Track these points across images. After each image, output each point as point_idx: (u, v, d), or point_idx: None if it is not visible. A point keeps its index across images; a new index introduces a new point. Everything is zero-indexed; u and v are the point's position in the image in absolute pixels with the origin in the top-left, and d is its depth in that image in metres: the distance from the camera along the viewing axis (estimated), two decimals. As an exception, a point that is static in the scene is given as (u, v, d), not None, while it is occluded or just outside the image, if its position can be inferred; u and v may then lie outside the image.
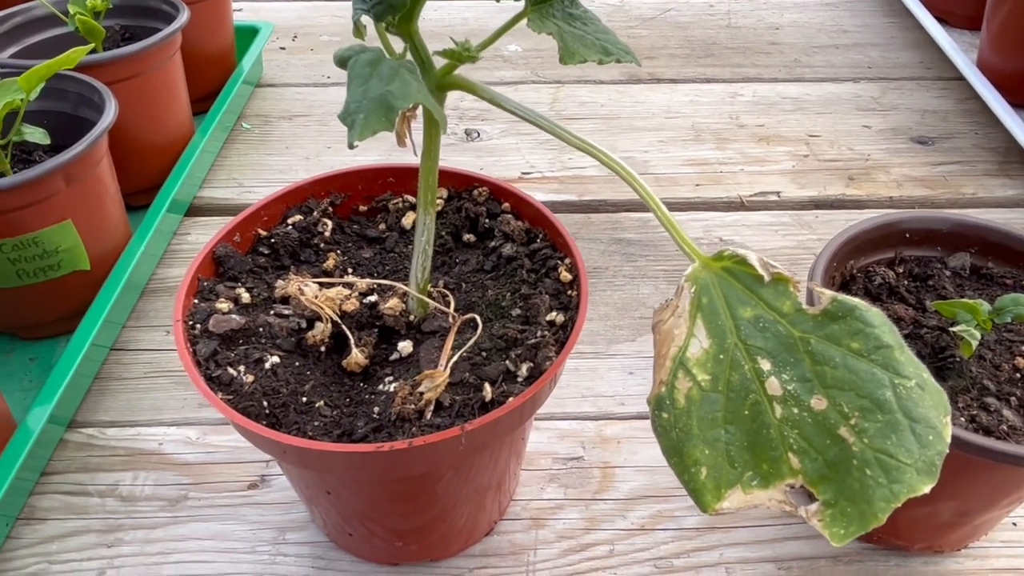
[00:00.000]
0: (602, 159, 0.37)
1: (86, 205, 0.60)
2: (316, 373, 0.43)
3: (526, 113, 0.38)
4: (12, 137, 0.58)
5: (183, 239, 0.76)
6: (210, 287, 0.45)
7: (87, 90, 0.64)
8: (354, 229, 0.51)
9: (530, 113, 0.38)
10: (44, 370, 0.62)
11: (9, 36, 0.73)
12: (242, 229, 0.47)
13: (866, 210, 0.80)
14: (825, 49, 1.07)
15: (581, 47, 0.37)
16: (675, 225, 0.35)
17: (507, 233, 0.48)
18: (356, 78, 0.34)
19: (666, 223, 0.35)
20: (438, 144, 0.41)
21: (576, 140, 0.37)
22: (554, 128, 0.38)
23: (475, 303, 0.46)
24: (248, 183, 0.83)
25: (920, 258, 0.53)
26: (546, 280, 0.45)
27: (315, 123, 0.93)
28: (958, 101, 0.96)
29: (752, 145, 0.89)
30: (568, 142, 0.38)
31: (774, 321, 0.32)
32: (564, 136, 0.38)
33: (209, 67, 0.88)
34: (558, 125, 0.38)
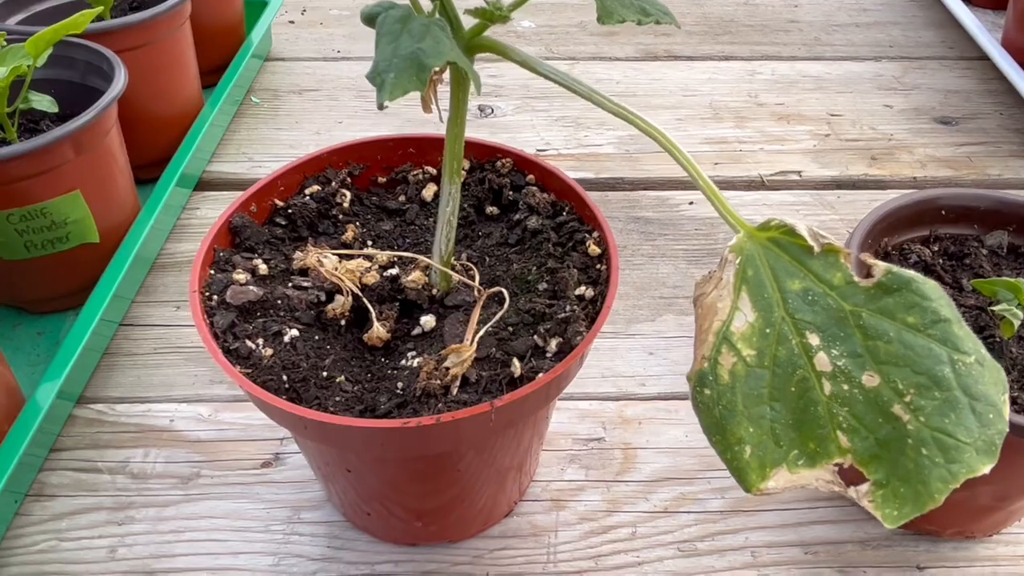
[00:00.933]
0: (640, 125, 0.35)
1: (95, 176, 0.58)
2: (336, 347, 0.41)
3: (560, 77, 0.36)
4: (19, 104, 0.57)
5: (192, 213, 0.74)
6: (226, 257, 0.43)
7: (96, 58, 0.62)
8: (373, 201, 0.49)
9: (564, 77, 0.37)
10: (52, 345, 0.61)
11: (15, 3, 0.72)
12: (258, 199, 0.46)
13: (889, 190, 0.79)
14: (845, 27, 1.05)
15: (619, 6, 0.35)
16: (718, 194, 0.34)
17: (532, 206, 0.46)
18: (385, 35, 0.32)
19: (708, 192, 0.34)
20: (465, 110, 0.40)
21: (613, 105, 0.36)
22: (591, 93, 0.36)
23: (499, 277, 0.44)
24: (258, 157, 0.82)
25: (956, 236, 0.51)
26: (573, 254, 0.44)
27: (325, 98, 0.91)
28: (981, 81, 0.94)
29: (772, 124, 0.87)
30: (604, 107, 0.36)
31: (823, 294, 0.31)
32: (601, 101, 0.36)
33: (218, 39, 0.86)
34: (595, 90, 0.36)
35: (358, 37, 1.02)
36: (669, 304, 0.67)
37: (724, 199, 0.34)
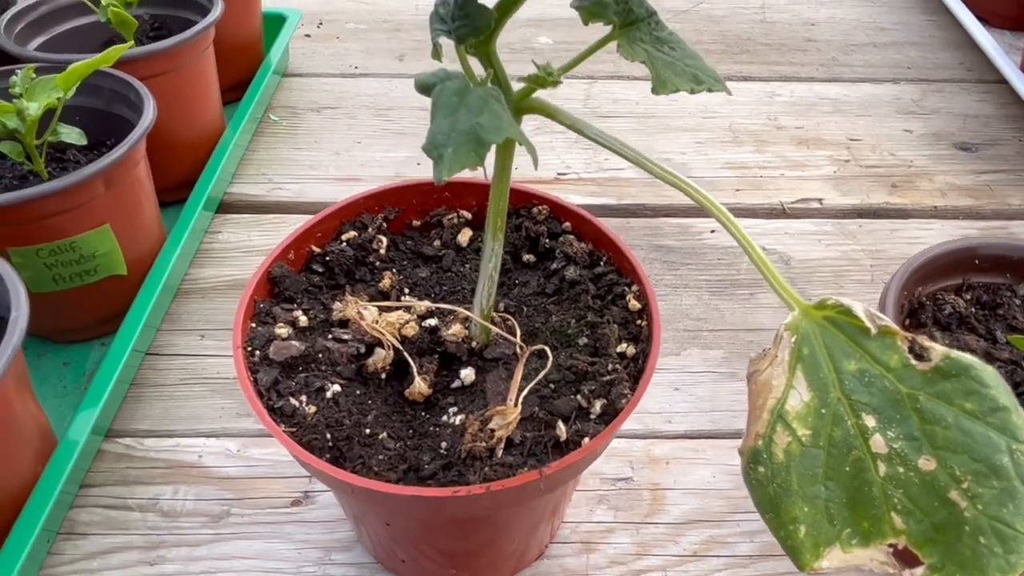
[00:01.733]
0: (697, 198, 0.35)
1: (124, 208, 0.58)
2: (377, 402, 0.41)
3: (610, 142, 0.36)
4: (48, 137, 0.56)
5: (214, 237, 0.74)
6: (267, 309, 0.43)
7: (122, 87, 0.62)
8: (408, 245, 0.49)
9: (614, 142, 0.36)
10: (78, 375, 0.61)
11: (37, 24, 0.71)
12: (296, 247, 0.46)
13: (910, 220, 0.79)
14: (863, 47, 1.05)
15: (672, 75, 0.35)
16: (772, 270, 0.34)
17: (569, 255, 0.46)
18: (443, 108, 0.32)
19: (763, 268, 0.34)
20: (510, 171, 0.40)
21: (665, 174, 0.36)
22: (641, 160, 0.36)
23: (538, 329, 0.44)
24: (278, 179, 0.81)
25: (988, 285, 0.51)
26: (613, 308, 0.44)
27: (344, 116, 0.91)
28: (1000, 106, 0.94)
29: (792, 148, 0.87)
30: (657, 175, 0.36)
31: (880, 375, 0.31)
32: (652, 169, 0.36)
33: (237, 56, 0.86)
34: (647, 158, 0.36)
35: (374, 52, 1.02)
36: (693, 337, 0.67)
37: (780, 277, 0.34)
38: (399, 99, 0.94)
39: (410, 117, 0.91)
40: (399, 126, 0.89)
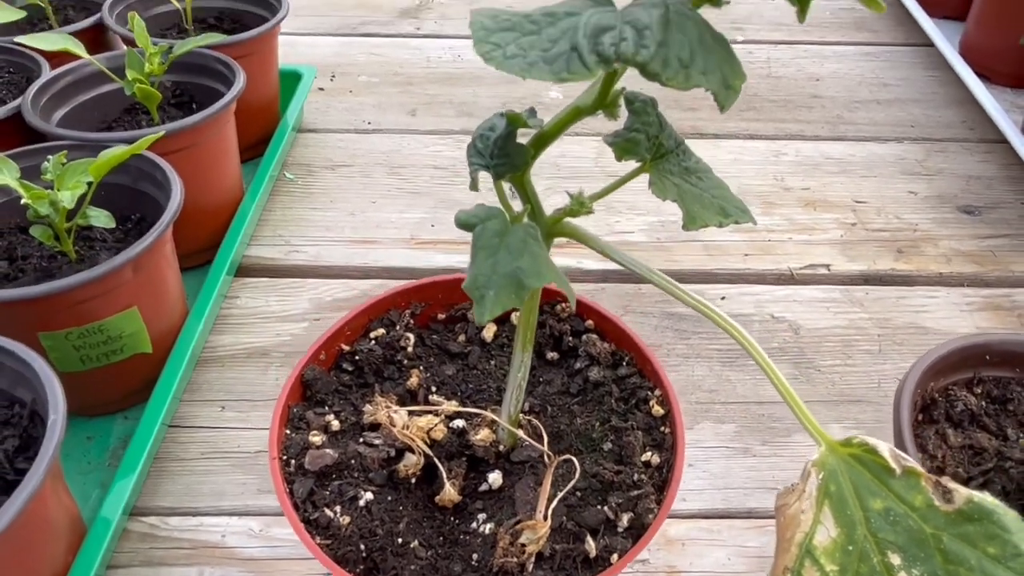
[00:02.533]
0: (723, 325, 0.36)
1: (150, 290, 0.59)
2: (408, 507, 0.42)
3: (640, 269, 0.38)
4: (78, 221, 0.57)
5: (233, 303, 0.75)
6: (300, 414, 0.44)
7: (148, 165, 0.63)
8: (434, 340, 0.50)
9: (644, 269, 0.38)
10: (102, 450, 0.61)
11: (61, 95, 0.72)
12: (327, 347, 0.47)
13: (916, 287, 0.80)
14: (867, 104, 1.07)
15: (701, 210, 0.36)
16: (802, 407, 0.35)
17: (593, 355, 0.48)
18: (483, 249, 0.33)
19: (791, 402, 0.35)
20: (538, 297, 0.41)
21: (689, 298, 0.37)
22: (668, 286, 0.37)
23: (563, 431, 0.45)
24: (295, 241, 0.82)
25: (999, 379, 0.52)
26: (637, 412, 0.45)
27: (358, 174, 0.92)
28: (1003, 166, 0.96)
29: (799, 211, 0.89)
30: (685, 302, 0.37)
31: (905, 515, 0.32)
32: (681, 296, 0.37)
33: (255, 117, 0.87)
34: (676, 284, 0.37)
35: (387, 107, 1.03)
36: (706, 410, 0.68)
37: (807, 412, 0.35)
38: (411, 156, 0.95)
39: (423, 176, 0.92)
40: (413, 185, 0.91)
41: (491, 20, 0.28)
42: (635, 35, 0.25)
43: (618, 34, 0.25)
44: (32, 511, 0.43)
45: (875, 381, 0.71)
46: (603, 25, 0.26)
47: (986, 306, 0.78)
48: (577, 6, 0.28)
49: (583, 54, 0.25)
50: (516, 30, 0.27)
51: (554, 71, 0.25)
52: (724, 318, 0.37)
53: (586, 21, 0.26)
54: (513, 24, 0.28)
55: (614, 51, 0.25)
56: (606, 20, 0.26)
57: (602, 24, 0.26)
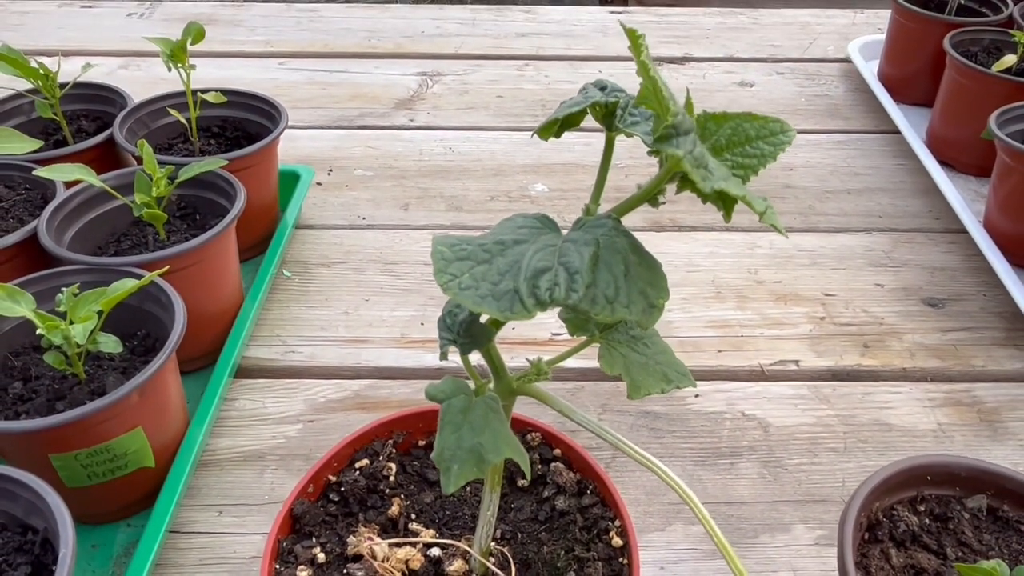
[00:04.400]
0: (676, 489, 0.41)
1: (154, 410, 0.64)
2: (387, 637, 0.46)
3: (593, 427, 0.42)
4: (88, 346, 0.62)
5: (232, 405, 0.80)
6: (288, 548, 0.48)
7: (153, 288, 0.68)
8: (415, 467, 0.54)
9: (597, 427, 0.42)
10: (106, 559, 0.65)
11: (74, 213, 0.78)
12: (315, 480, 0.51)
13: (881, 383, 0.84)
14: (837, 194, 1.12)
15: (646, 378, 0.41)
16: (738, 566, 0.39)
17: (559, 484, 0.52)
18: (448, 424, 0.38)
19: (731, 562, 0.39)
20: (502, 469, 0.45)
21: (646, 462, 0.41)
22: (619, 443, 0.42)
23: (531, 559, 0.49)
24: (291, 341, 0.87)
25: (940, 497, 0.56)
26: (598, 543, 0.49)
27: (352, 271, 0.97)
28: (965, 257, 1.01)
29: (770, 304, 0.94)
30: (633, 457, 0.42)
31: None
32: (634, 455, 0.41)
33: (255, 219, 0.92)
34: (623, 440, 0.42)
35: (381, 202, 1.09)
36: (677, 511, 0.72)
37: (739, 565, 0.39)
38: (403, 252, 1.00)
39: (414, 272, 0.97)
40: (404, 281, 0.96)
41: (449, 249, 0.33)
42: (567, 280, 0.30)
43: (552, 278, 0.30)
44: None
45: (840, 480, 0.75)
46: (541, 268, 0.30)
47: (947, 401, 0.82)
48: (524, 233, 0.33)
49: (523, 298, 0.30)
50: (471, 259, 0.32)
51: (500, 308, 0.30)
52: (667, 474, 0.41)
53: (528, 262, 0.31)
54: (468, 254, 0.32)
55: (548, 296, 0.29)
56: (544, 261, 0.31)
57: (540, 266, 0.30)
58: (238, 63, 1.42)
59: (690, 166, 0.28)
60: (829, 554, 0.68)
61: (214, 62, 1.40)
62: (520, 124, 1.26)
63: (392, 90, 1.35)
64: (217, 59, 1.42)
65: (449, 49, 1.48)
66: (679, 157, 0.28)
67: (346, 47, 1.48)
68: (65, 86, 0.92)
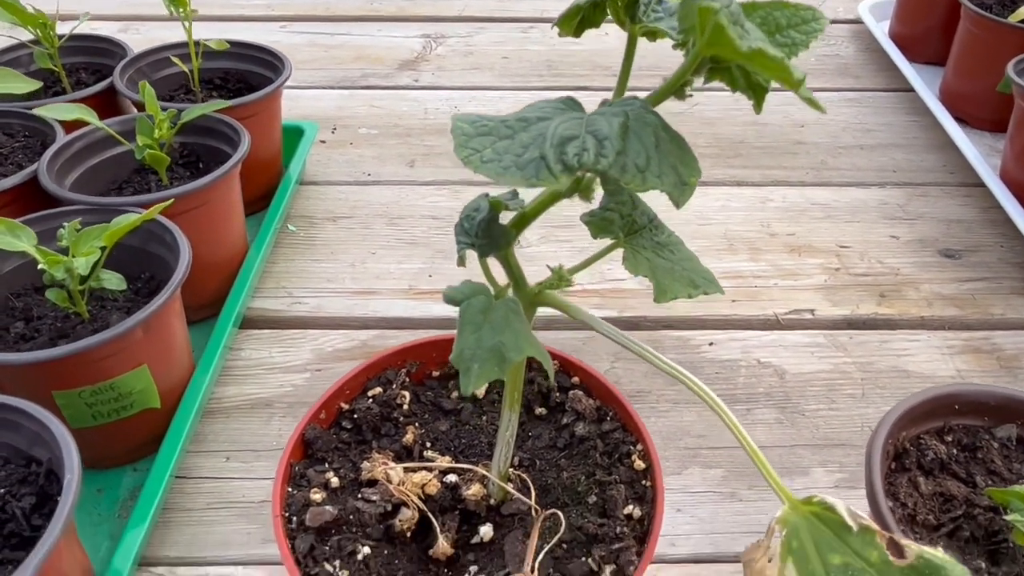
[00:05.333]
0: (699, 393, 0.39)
1: (160, 348, 0.62)
2: (403, 561, 0.45)
3: (618, 337, 0.40)
4: (91, 284, 0.61)
5: (237, 355, 0.78)
6: (301, 472, 0.47)
7: (157, 228, 0.66)
8: (428, 397, 0.53)
9: (621, 337, 0.41)
10: (112, 502, 0.64)
11: (75, 159, 0.76)
12: (327, 406, 0.50)
13: (898, 331, 0.83)
14: (850, 150, 1.10)
15: (672, 282, 0.39)
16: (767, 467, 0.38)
17: (579, 411, 0.50)
18: (468, 324, 0.36)
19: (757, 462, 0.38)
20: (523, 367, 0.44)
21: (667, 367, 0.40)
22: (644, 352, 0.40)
23: (550, 484, 0.48)
24: (297, 292, 0.86)
25: (968, 427, 0.55)
26: (620, 467, 0.47)
27: (359, 225, 0.95)
28: (982, 210, 0.99)
29: (784, 256, 0.92)
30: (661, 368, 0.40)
31: (862, 569, 0.35)
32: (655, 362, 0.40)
33: (259, 171, 0.90)
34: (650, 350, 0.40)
35: (386, 159, 1.07)
36: (694, 455, 0.70)
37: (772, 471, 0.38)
38: (410, 207, 0.98)
39: (421, 226, 0.95)
40: (411, 235, 0.94)
41: (471, 126, 0.31)
42: (596, 145, 0.28)
43: (581, 144, 0.28)
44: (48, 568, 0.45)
45: (858, 425, 0.73)
46: (568, 135, 0.29)
47: (966, 349, 0.81)
48: (548, 111, 0.31)
49: (550, 163, 0.28)
50: (493, 135, 0.31)
51: (525, 176, 0.28)
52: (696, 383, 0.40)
53: (553, 131, 0.29)
54: (490, 129, 0.31)
55: (577, 160, 0.28)
56: (571, 130, 0.29)
57: (567, 134, 0.29)
58: (240, 27, 1.40)
59: (726, 20, 0.26)
60: (850, 496, 0.67)
61: (216, 26, 1.38)
62: (527, 84, 1.24)
63: (395, 52, 1.33)
64: (218, 23, 1.40)
65: (452, 12, 1.46)
66: (715, 9, 0.26)
67: (348, 10, 1.46)
68: (64, 37, 0.90)
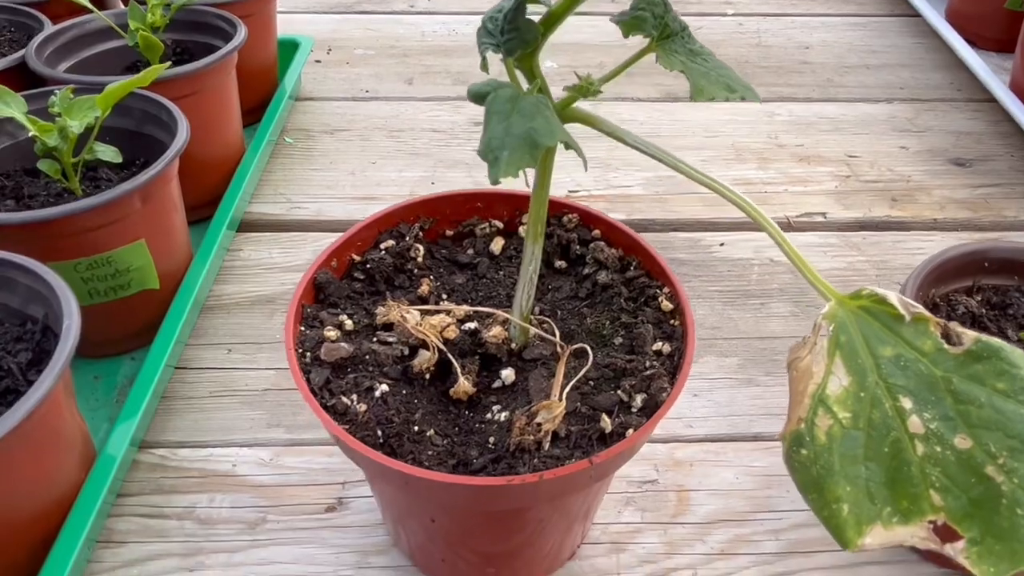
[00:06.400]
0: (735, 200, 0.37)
1: (157, 224, 0.60)
2: (423, 401, 0.43)
3: (649, 148, 0.39)
4: (85, 155, 0.58)
5: (236, 255, 0.76)
6: (313, 313, 0.45)
7: (154, 107, 0.64)
8: (443, 254, 0.51)
9: (652, 148, 0.39)
10: (110, 388, 0.62)
11: (65, 49, 0.73)
12: (338, 255, 0.47)
13: (912, 232, 0.81)
14: (856, 69, 1.08)
15: (708, 84, 0.37)
16: (806, 263, 0.36)
17: (600, 260, 0.48)
18: (496, 114, 0.34)
19: (798, 262, 0.36)
20: (551, 177, 0.42)
21: (700, 175, 0.38)
22: (677, 164, 0.38)
23: (574, 331, 0.46)
24: (296, 198, 0.83)
25: (997, 287, 0.53)
26: (646, 309, 0.46)
27: (357, 138, 0.93)
28: (991, 123, 0.98)
29: (794, 165, 0.90)
30: (690, 176, 0.38)
31: (915, 360, 0.33)
32: (687, 171, 0.38)
33: (254, 81, 0.88)
34: (682, 160, 0.38)
35: (384, 77, 1.04)
36: (709, 346, 0.68)
37: (814, 270, 0.36)
38: (410, 120, 0.96)
39: (422, 138, 0.93)
40: (412, 147, 0.92)
41: None
42: None
43: None
44: (46, 413, 0.43)
45: (874, 317, 0.72)
46: None
47: (980, 248, 0.79)
48: None
49: None
50: None
51: None
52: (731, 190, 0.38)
53: None
54: None
55: None
56: None
57: None
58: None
59: None
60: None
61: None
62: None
63: (390, -20, 1.30)
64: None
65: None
66: None
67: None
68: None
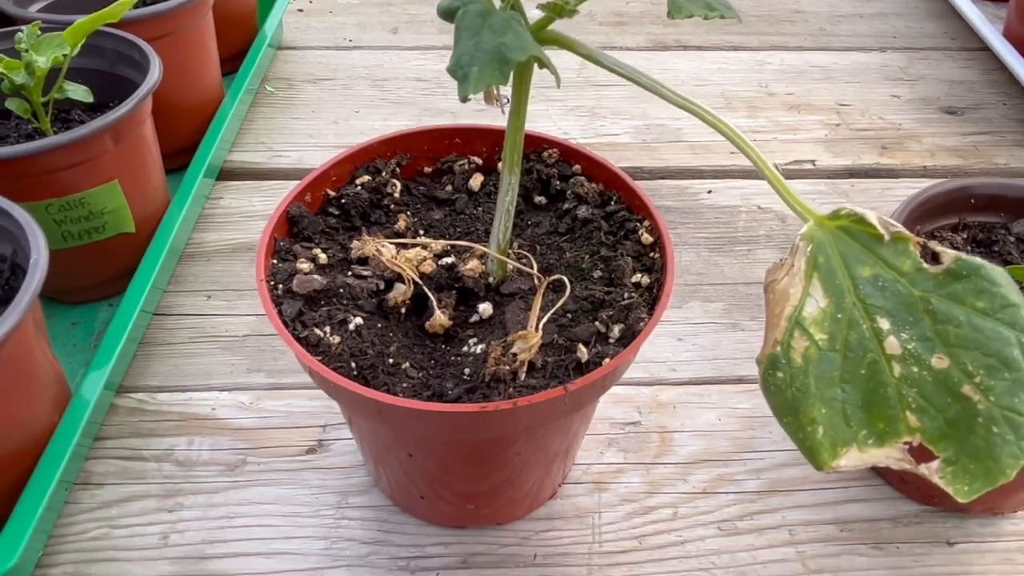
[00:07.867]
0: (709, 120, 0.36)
1: (132, 166, 0.58)
2: (398, 334, 0.42)
3: (624, 70, 0.38)
4: (54, 94, 0.56)
5: (216, 203, 0.75)
6: (287, 247, 0.44)
7: (126, 47, 0.62)
8: (421, 191, 0.50)
9: (628, 69, 0.38)
10: (87, 334, 0.61)
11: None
12: (312, 189, 0.46)
13: (901, 179, 0.81)
14: (849, 18, 1.07)
15: (687, 2, 0.36)
16: (785, 185, 0.35)
17: (581, 195, 0.47)
18: (466, 30, 0.33)
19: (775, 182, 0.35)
20: (527, 103, 0.41)
21: (678, 98, 0.37)
22: (655, 86, 0.37)
23: (553, 265, 0.45)
24: (277, 147, 0.82)
25: (984, 224, 0.53)
26: (626, 242, 0.45)
27: (340, 87, 0.91)
28: (984, 72, 0.96)
29: (783, 113, 0.89)
30: (669, 99, 0.37)
31: (893, 280, 0.32)
32: (665, 94, 0.37)
33: (233, 28, 0.86)
34: (660, 83, 0.37)
35: (367, 26, 1.02)
36: (694, 291, 0.68)
37: (791, 190, 0.35)
38: (394, 70, 0.94)
39: (407, 87, 0.91)
40: (396, 96, 0.90)
41: None
42: None
43: None
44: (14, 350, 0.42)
45: (861, 263, 0.71)
46: None
47: (970, 195, 0.79)
48: None
49: None
50: None
51: None
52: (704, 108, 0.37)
53: None
54: None
55: None
56: None
57: None
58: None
59: None
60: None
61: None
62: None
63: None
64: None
65: None
66: None
67: None
68: None
